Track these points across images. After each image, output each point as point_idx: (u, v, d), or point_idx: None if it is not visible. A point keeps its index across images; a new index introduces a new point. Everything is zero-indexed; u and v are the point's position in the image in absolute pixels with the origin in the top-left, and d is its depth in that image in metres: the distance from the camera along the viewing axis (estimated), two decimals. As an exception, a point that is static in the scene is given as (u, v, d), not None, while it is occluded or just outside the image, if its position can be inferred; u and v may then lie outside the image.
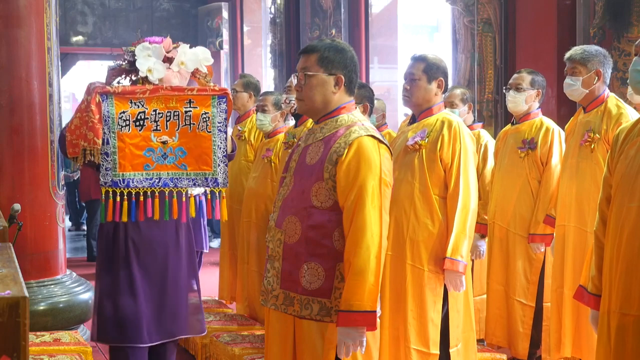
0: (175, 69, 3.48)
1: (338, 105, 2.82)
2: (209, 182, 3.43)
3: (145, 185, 3.37)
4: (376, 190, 2.67)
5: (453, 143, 3.60)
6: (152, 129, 3.38)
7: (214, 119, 3.40)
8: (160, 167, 3.39)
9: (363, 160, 2.68)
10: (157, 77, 3.45)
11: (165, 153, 3.39)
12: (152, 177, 3.39)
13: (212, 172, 3.42)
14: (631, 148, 2.63)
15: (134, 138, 3.37)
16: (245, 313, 5.43)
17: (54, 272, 5.32)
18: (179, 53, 3.51)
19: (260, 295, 2.89)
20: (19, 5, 5.15)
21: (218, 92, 3.43)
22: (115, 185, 3.36)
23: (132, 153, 3.37)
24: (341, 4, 8.89)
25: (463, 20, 6.31)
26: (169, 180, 3.40)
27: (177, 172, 3.41)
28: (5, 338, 1.87)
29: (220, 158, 3.42)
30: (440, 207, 3.61)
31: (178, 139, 3.39)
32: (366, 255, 2.61)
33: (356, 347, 2.64)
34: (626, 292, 2.52)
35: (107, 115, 3.35)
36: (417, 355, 3.61)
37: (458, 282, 3.54)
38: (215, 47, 12.92)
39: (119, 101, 3.37)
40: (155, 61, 3.45)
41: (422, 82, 3.67)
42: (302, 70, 2.81)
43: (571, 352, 4.16)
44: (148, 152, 3.38)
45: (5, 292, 1.93)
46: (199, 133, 3.40)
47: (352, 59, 2.83)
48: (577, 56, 4.08)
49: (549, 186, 4.47)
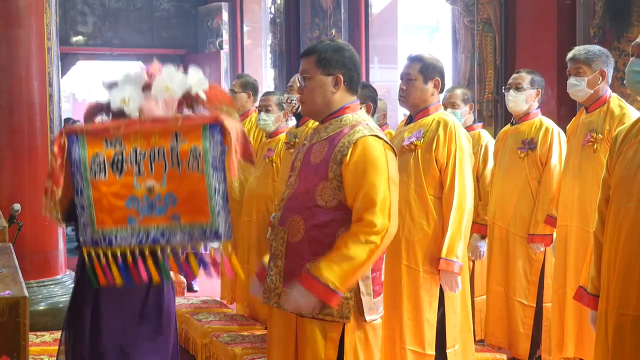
0: (160, 97, 2.78)
1: (342, 105, 2.81)
2: (208, 236, 2.70)
3: (132, 243, 2.68)
4: (385, 189, 2.67)
5: (448, 143, 3.60)
6: (133, 173, 2.69)
7: (207, 154, 2.66)
8: (148, 220, 2.70)
9: (369, 160, 2.68)
10: (134, 108, 2.77)
11: (152, 202, 2.69)
12: (140, 232, 2.70)
13: (210, 223, 2.67)
14: (629, 149, 2.64)
15: (112, 185, 2.69)
16: (246, 313, 5.43)
17: (54, 272, 5.33)
18: (163, 76, 2.82)
19: (263, 293, 2.90)
20: (19, 5, 5.16)
21: (209, 120, 2.69)
22: (96, 244, 2.68)
23: (111, 204, 2.69)
24: (341, 4, 8.88)
25: (463, 20, 6.30)
26: (159, 235, 2.70)
27: (169, 224, 2.70)
28: (5, 338, 1.87)
29: (220, 204, 2.67)
30: (436, 208, 3.60)
31: (166, 183, 2.68)
32: (366, 248, 2.63)
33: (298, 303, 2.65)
34: (624, 292, 2.52)
35: (77, 160, 2.69)
36: (412, 356, 3.60)
37: (453, 282, 3.54)
38: (215, 47, 12.92)
39: (92, 142, 2.70)
40: (131, 89, 2.80)
41: (418, 82, 3.67)
42: (302, 73, 2.82)
43: (574, 352, 4.15)
44: (131, 201, 2.69)
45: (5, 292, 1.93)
46: (189, 173, 2.67)
47: (351, 58, 2.83)
48: (582, 56, 4.07)
49: (548, 186, 4.47)
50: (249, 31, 12.46)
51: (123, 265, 2.67)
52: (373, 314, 2.76)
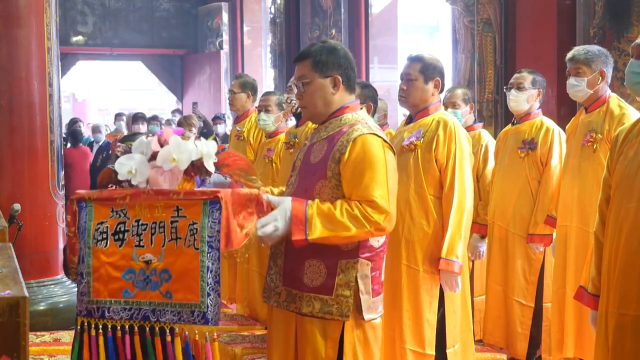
0: (166, 167, 2.67)
1: (341, 105, 2.82)
2: (196, 318, 2.54)
3: (123, 317, 2.59)
4: (384, 186, 2.67)
5: (448, 143, 3.60)
6: (134, 244, 2.59)
7: (203, 231, 2.53)
8: (142, 295, 2.59)
9: (368, 158, 2.68)
10: (141, 179, 2.69)
11: (148, 276, 2.58)
12: (132, 306, 2.59)
13: (199, 304, 2.52)
14: (630, 149, 2.64)
15: (111, 256, 2.61)
16: (245, 313, 5.43)
17: (54, 272, 5.33)
18: (170, 146, 2.68)
19: (263, 293, 2.90)
20: (19, 5, 5.16)
21: (209, 197, 2.56)
22: (90, 315, 2.61)
23: (109, 274, 2.61)
24: (341, 4, 8.89)
25: (463, 20, 6.31)
26: (150, 312, 2.58)
27: (161, 301, 2.57)
28: (5, 338, 1.87)
29: (211, 285, 2.52)
30: (436, 208, 3.60)
31: (164, 258, 2.57)
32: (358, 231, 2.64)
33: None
34: (624, 291, 2.52)
35: (83, 227, 2.64)
36: (412, 355, 3.59)
37: (453, 282, 3.53)
38: (215, 47, 12.93)
39: (100, 209, 2.65)
40: (139, 160, 2.70)
41: (418, 82, 3.67)
42: (299, 79, 2.81)
43: (574, 352, 4.15)
44: (128, 273, 2.60)
45: (5, 292, 1.93)
46: (185, 250, 2.55)
47: (346, 57, 2.83)
48: (581, 57, 4.06)
49: (548, 186, 4.47)
50: (249, 31, 12.47)
51: (111, 338, 2.59)
52: (372, 313, 2.76)
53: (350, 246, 2.70)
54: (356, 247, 2.71)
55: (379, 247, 2.77)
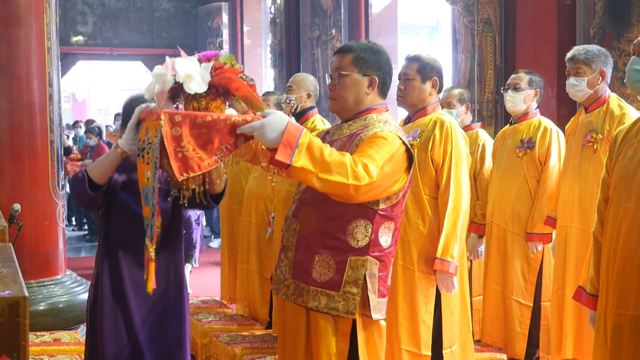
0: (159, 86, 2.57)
1: (370, 106, 2.83)
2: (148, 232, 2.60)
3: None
4: (386, 157, 2.65)
5: (444, 143, 3.60)
6: (145, 161, 2.61)
7: (155, 151, 2.47)
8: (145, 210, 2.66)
9: (378, 139, 2.67)
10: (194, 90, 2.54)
11: (147, 191, 2.62)
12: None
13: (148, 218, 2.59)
14: (629, 149, 2.64)
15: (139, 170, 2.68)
16: (245, 313, 5.43)
17: (54, 272, 5.33)
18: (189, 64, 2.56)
19: (272, 285, 2.91)
20: (19, 5, 5.16)
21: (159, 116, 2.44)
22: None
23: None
24: (341, 4, 8.89)
25: (463, 20, 6.31)
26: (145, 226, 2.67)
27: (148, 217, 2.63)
28: (5, 338, 1.87)
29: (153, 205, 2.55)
30: (432, 208, 3.60)
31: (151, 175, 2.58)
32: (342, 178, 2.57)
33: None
34: (622, 291, 2.52)
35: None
36: (408, 356, 3.58)
37: (449, 283, 3.51)
38: (215, 47, 12.92)
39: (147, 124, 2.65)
40: (201, 72, 2.55)
41: (416, 82, 3.67)
42: (337, 69, 2.82)
43: (572, 353, 4.15)
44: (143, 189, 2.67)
45: (5, 292, 1.93)
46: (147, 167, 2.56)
47: (388, 62, 2.85)
48: (581, 56, 4.06)
49: (547, 186, 4.47)
50: (249, 31, 12.47)
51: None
52: (378, 313, 2.76)
53: (360, 243, 2.70)
54: (367, 245, 2.71)
55: (387, 247, 2.76)
